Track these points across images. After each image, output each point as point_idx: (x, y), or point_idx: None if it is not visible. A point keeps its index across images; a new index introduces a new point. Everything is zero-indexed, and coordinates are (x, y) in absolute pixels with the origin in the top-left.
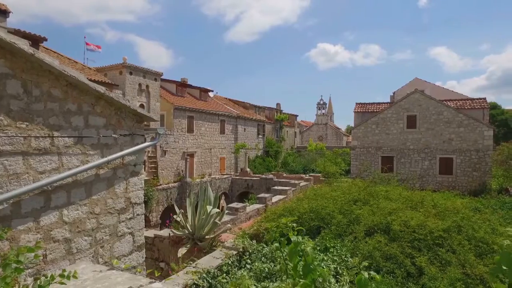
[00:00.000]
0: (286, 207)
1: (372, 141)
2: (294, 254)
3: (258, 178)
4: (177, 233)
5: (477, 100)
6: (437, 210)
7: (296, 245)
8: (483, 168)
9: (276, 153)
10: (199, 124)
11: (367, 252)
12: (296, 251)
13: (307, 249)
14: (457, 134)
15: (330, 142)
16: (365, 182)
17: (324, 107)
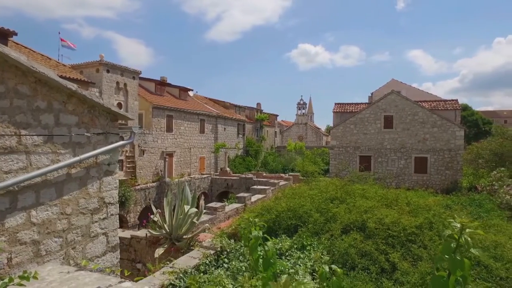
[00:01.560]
0: (264, 206)
1: (351, 140)
2: (254, 249)
3: (238, 178)
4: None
5: (449, 101)
6: (411, 208)
7: (257, 240)
8: (455, 167)
9: (256, 152)
10: (179, 123)
11: (343, 250)
12: (256, 246)
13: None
14: (431, 134)
15: (310, 141)
16: (342, 181)
17: (304, 107)
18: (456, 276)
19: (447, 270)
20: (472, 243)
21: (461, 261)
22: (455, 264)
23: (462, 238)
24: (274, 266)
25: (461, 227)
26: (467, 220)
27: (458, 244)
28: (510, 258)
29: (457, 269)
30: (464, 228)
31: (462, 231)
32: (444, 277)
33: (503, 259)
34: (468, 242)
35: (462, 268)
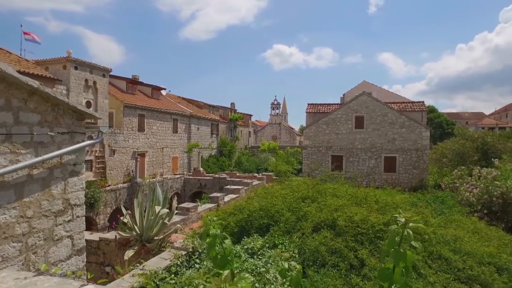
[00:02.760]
0: (237, 205)
1: (323, 140)
2: (212, 247)
3: (211, 178)
4: (124, 235)
5: (416, 103)
6: (379, 206)
7: (214, 238)
8: (421, 166)
9: (230, 152)
10: (151, 123)
11: (314, 248)
12: (214, 243)
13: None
14: (399, 134)
15: (283, 141)
16: (314, 180)
17: (278, 107)
18: (399, 267)
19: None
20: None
21: (403, 254)
22: (398, 256)
23: (405, 232)
24: (232, 263)
25: (405, 222)
26: (409, 215)
27: (402, 238)
28: (467, 251)
29: (400, 261)
30: (408, 222)
31: (405, 226)
32: (390, 269)
33: (461, 252)
34: (410, 235)
35: (405, 260)
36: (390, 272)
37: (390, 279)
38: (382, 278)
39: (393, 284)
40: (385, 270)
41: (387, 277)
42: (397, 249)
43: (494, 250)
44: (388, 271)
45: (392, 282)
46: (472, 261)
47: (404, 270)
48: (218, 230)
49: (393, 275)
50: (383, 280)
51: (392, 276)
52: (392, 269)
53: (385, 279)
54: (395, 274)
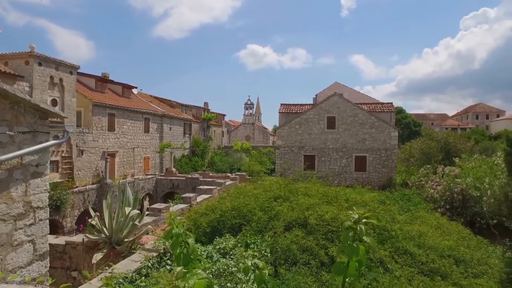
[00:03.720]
0: (209, 206)
1: (296, 140)
2: (175, 246)
3: (184, 178)
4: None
5: (386, 104)
6: (349, 204)
7: (177, 237)
8: (390, 165)
9: (203, 152)
10: (121, 122)
11: (286, 246)
12: (178, 242)
13: (189, 241)
14: (369, 134)
15: (257, 141)
16: (286, 180)
17: (252, 107)
18: (353, 261)
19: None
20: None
21: (356, 248)
22: (351, 251)
23: (358, 227)
24: (194, 262)
25: (358, 218)
26: (362, 212)
27: (355, 233)
28: (430, 245)
29: (354, 255)
30: (361, 219)
31: (359, 221)
32: (344, 263)
33: (424, 246)
34: (362, 230)
35: (358, 253)
36: (344, 266)
37: (344, 272)
38: (337, 272)
39: (347, 277)
40: (339, 264)
41: (342, 270)
42: (350, 244)
43: (454, 243)
44: (343, 265)
45: (346, 276)
46: (434, 255)
47: (358, 263)
48: (181, 229)
49: (347, 269)
50: (338, 274)
51: (346, 270)
52: (347, 263)
53: (340, 273)
54: (350, 268)
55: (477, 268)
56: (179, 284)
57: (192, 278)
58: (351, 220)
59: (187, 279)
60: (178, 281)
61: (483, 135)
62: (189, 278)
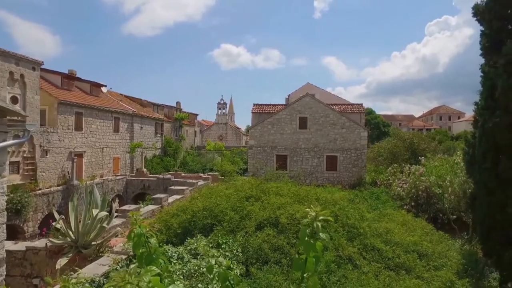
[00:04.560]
0: (180, 206)
1: (268, 140)
2: (137, 246)
3: (155, 179)
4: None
5: (356, 105)
6: (320, 203)
7: (139, 237)
8: (360, 165)
9: (175, 152)
10: (90, 121)
11: (257, 245)
12: (140, 242)
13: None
14: (340, 134)
15: (230, 141)
16: (258, 179)
17: (225, 107)
18: (310, 256)
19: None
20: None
21: (313, 244)
22: (308, 247)
23: (315, 224)
24: (157, 261)
25: (315, 215)
26: (319, 209)
27: (312, 230)
28: (396, 241)
29: (310, 251)
30: (318, 216)
31: (316, 219)
32: (303, 259)
33: (391, 242)
34: (319, 227)
35: (315, 249)
36: (302, 262)
37: (302, 268)
38: (296, 267)
39: (305, 272)
40: (298, 260)
41: (300, 266)
42: (307, 241)
43: (418, 239)
44: (301, 261)
45: (304, 271)
46: (400, 250)
47: (315, 259)
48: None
49: (305, 264)
50: (296, 269)
51: (304, 266)
52: (305, 259)
53: (299, 268)
54: (308, 263)
55: (438, 261)
56: (132, 280)
57: (146, 274)
58: (308, 218)
59: (141, 276)
60: (132, 278)
61: (446, 136)
62: (143, 274)
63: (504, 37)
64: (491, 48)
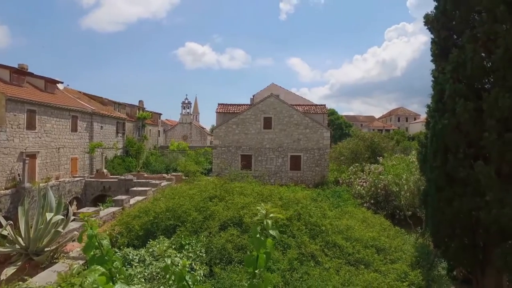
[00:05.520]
0: (142, 208)
1: (233, 140)
2: (89, 247)
3: (116, 180)
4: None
5: (319, 106)
6: (283, 202)
7: (91, 238)
8: (323, 164)
9: (138, 152)
10: (44, 120)
11: (221, 245)
12: (91, 244)
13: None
14: (304, 134)
15: (194, 141)
16: (222, 179)
17: (189, 106)
18: (261, 253)
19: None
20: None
21: (264, 241)
22: (259, 243)
23: (265, 222)
24: (109, 263)
25: (266, 213)
26: (269, 207)
27: (263, 227)
28: (356, 237)
29: (261, 247)
30: (268, 214)
31: (266, 217)
32: (254, 256)
33: (351, 239)
34: (269, 224)
35: (265, 246)
36: (254, 259)
37: (254, 264)
38: (247, 264)
39: (257, 268)
40: (249, 257)
41: (252, 262)
42: (258, 238)
43: (376, 234)
44: (252, 258)
45: (256, 267)
46: (360, 246)
47: (266, 255)
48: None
49: (257, 261)
50: (248, 266)
51: (256, 262)
52: (257, 255)
53: (250, 265)
54: (259, 260)
55: (394, 254)
56: (74, 281)
57: (90, 274)
58: (259, 216)
59: (84, 276)
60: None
61: (403, 136)
62: (87, 274)
63: (450, 46)
64: (440, 55)
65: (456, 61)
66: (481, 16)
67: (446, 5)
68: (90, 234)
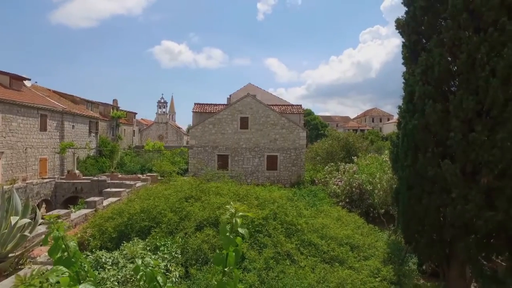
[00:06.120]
0: (116, 209)
1: (209, 140)
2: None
3: (89, 181)
4: None
5: (295, 106)
6: (259, 201)
7: (57, 240)
8: (299, 164)
9: (111, 152)
10: (9, 118)
11: (197, 246)
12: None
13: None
14: (280, 134)
15: (170, 141)
16: (198, 179)
17: (165, 105)
18: (230, 251)
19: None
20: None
21: (233, 239)
22: (228, 242)
23: (234, 220)
24: (76, 265)
25: (234, 211)
26: (238, 205)
27: (232, 225)
28: (331, 235)
29: (230, 245)
30: (237, 212)
31: (235, 215)
32: (223, 254)
33: (327, 237)
34: (237, 223)
35: (234, 244)
36: (223, 257)
37: (223, 262)
38: (217, 262)
39: (227, 266)
40: (219, 255)
41: (221, 261)
42: (227, 236)
43: (350, 232)
44: (222, 256)
45: (225, 265)
46: (334, 244)
47: (235, 253)
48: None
49: (226, 259)
50: (217, 264)
51: (225, 260)
52: (226, 254)
53: (219, 263)
54: (229, 258)
55: (368, 251)
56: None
57: (51, 275)
58: (228, 214)
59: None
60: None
61: (377, 136)
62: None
63: (420, 49)
64: (410, 58)
65: (425, 64)
66: (447, 22)
67: (415, 11)
68: (56, 236)
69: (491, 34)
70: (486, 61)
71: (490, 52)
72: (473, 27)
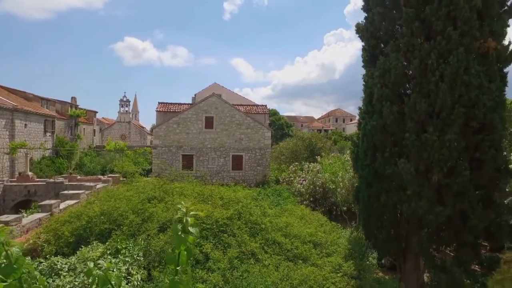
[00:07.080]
0: (74, 212)
1: (174, 140)
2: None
3: (44, 183)
4: None
5: (260, 106)
6: (223, 202)
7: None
8: (264, 163)
9: (70, 153)
10: None
11: (160, 248)
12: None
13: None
14: (245, 134)
15: (134, 141)
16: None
17: (128, 104)
18: (181, 250)
19: None
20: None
21: (184, 238)
22: (179, 241)
23: (185, 219)
24: (19, 271)
25: (186, 211)
26: (189, 205)
27: (184, 225)
28: (295, 234)
29: (181, 244)
30: (188, 211)
31: (186, 214)
32: (175, 253)
33: (290, 235)
34: (188, 222)
35: (185, 243)
36: (175, 256)
37: (175, 261)
38: (169, 261)
39: (179, 265)
40: (171, 255)
41: (173, 260)
42: (179, 235)
43: (314, 230)
44: (174, 255)
45: (177, 264)
46: (298, 242)
47: (186, 251)
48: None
49: (179, 258)
50: (169, 263)
51: (177, 259)
52: (178, 253)
53: (171, 262)
54: (181, 257)
55: (330, 248)
56: None
57: None
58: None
59: None
60: None
61: (341, 136)
62: None
63: (378, 53)
64: (369, 61)
65: (382, 67)
66: (402, 29)
67: (373, 17)
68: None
69: (439, 42)
70: (436, 67)
71: (439, 58)
72: (425, 35)
